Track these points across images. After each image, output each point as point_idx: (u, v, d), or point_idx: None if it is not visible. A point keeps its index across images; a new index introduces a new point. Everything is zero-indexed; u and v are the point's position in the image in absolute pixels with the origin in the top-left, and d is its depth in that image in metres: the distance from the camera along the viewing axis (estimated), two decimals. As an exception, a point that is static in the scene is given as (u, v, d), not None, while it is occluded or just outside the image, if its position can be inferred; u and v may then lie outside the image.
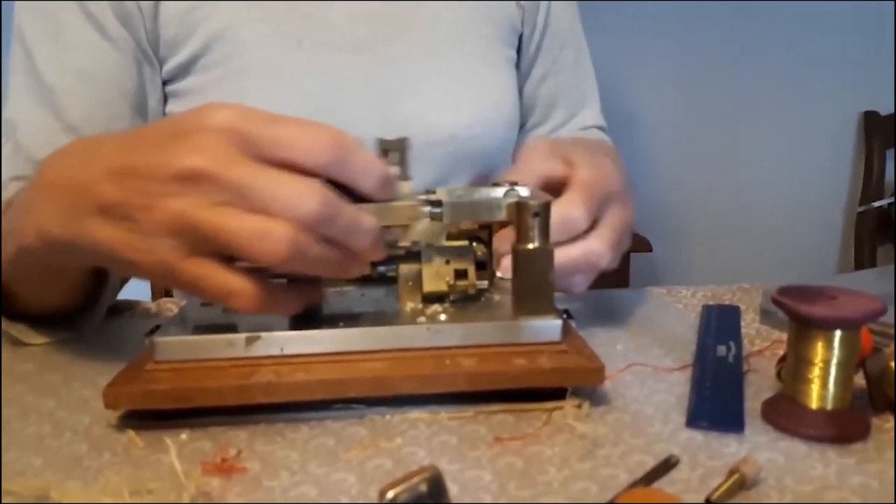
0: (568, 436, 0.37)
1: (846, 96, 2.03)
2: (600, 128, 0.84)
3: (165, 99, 0.67)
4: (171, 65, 0.64)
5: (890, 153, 2.02)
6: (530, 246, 0.41)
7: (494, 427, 0.38)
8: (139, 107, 0.65)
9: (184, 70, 0.64)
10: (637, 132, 1.91)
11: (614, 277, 0.61)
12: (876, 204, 1.95)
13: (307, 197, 0.34)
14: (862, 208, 2.00)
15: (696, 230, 2.09)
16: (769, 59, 2.00)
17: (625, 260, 1.73)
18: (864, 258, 1.98)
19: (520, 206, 0.41)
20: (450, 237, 0.53)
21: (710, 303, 0.61)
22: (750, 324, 0.55)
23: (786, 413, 0.38)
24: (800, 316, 0.36)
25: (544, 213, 0.41)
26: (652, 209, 2.01)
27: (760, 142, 2.06)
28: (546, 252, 0.41)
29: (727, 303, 0.61)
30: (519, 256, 0.41)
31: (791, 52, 2.00)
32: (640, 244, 1.74)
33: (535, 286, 0.41)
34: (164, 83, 0.66)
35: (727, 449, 0.36)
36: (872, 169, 1.99)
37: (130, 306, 0.60)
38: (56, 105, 0.61)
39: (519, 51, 0.77)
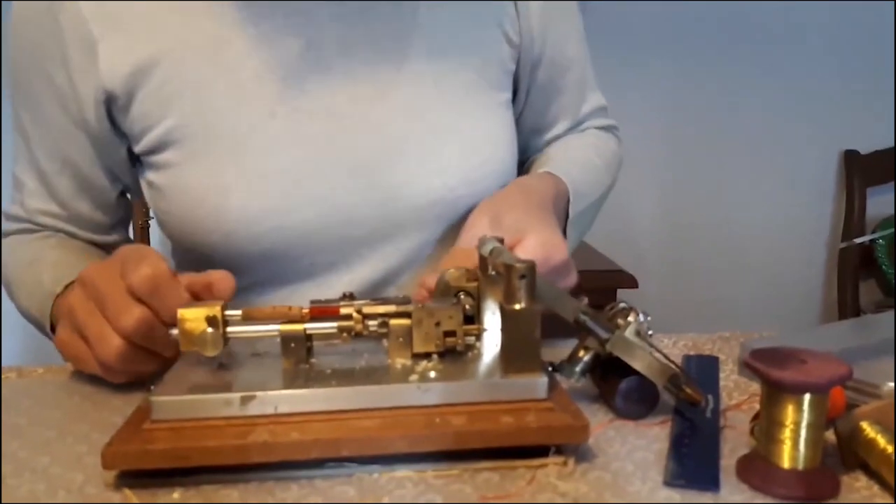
0: (550, 494, 0.38)
1: (827, 136, 2.08)
2: (601, 108, 0.84)
3: (140, 162, 0.69)
4: (148, 139, 0.65)
5: (871, 191, 2.06)
6: (517, 306, 0.43)
7: (480, 486, 0.39)
8: (119, 173, 0.71)
9: (161, 145, 0.65)
10: (622, 169, 1.94)
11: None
12: (857, 240, 1.99)
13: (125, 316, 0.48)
14: (844, 244, 2.04)
15: (681, 266, 2.12)
16: (752, 98, 2.05)
17: (610, 297, 1.75)
18: (846, 293, 2.01)
19: (507, 269, 0.43)
20: (439, 289, 0.55)
21: (691, 353, 0.62)
22: (728, 375, 0.57)
23: (759, 472, 0.39)
24: (771, 380, 0.38)
25: (530, 274, 0.43)
26: (637, 245, 2.04)
27: (744, 179, 2.10)
28: (532, 312, 0.43)
29: (707, 353, 0.63)
30: (506, 316, 0.43)
31: (773, 93, 2.05)
32: (625, 280, 1.77)
33: (522, 344, 0.43)
34: (142, 154, 0.67)
35: (704, 508, 0.37)
36: (854, 206, 2.04)
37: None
38: (49, 185, 0.70)
39: (516, 84, 0.76)
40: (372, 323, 0.47)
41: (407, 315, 0.47)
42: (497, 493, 0.38)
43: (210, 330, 0.44)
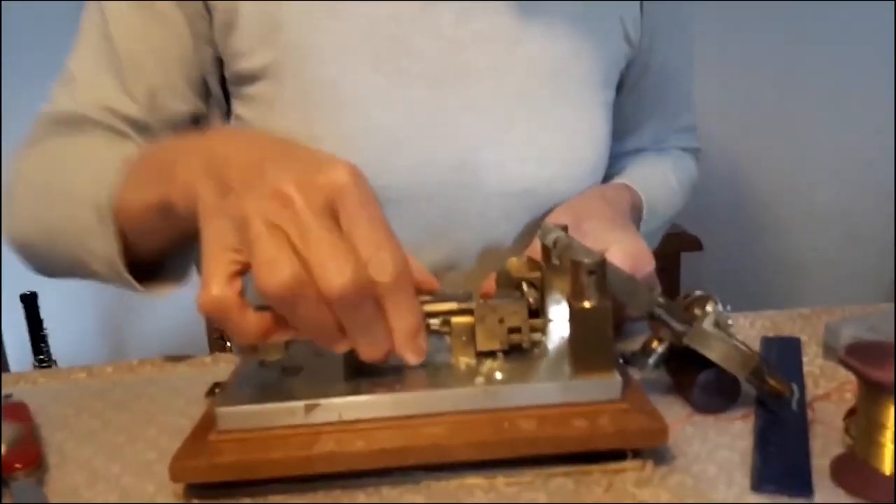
0: (629, 503, 0.36)
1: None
2: (690, 128, 0.81)
3: (227, 97, 0.66)
4: (244, 66, 0.62)
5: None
6: (586, 304, 0.40)
7: (553, 493, 0.38)
8: (199, 89, 0.65)
9: (256, 75, 0.62)
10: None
11: (664, 282, 0.59)
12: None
13: (339, 272, 0.35)
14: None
15: (746, 226, 2.04)
16: (822, 49, 1.93)
17: (674, 262, 1.70)
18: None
19: (575, 265, 0.40)
20: (500, 280, 0.53)
21: (770, 334, 0.59)
22: (813, 359, 0.54)
23: (858, 476, 0.37)
24: (871, 381, 0.35)
25: (600, 270, 0.40)
26: (702, 204, 1.97)
27: (813, 132, 1.99)
28: (602, 310, 0.40)
29: (787, 333, 0.59)
30: (575, 315, 0.41)
31: (847, 43, 1.92)
32: (689, 243, 1.71)
33: (593, 343, 0.41)
34: (233, 81, 0.64)
35: (797, 518, 0.35)
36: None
37: (185, 358, 0.61)
38: (121, 72, 0.62)
39: (620, 84, 0.72)
40: (433, 321, 0.45)
41: (469, 312, 0.45)
42: (572, 502, 0.37)
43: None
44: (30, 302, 1.57)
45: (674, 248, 1.69)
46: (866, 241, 2.05)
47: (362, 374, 0.44)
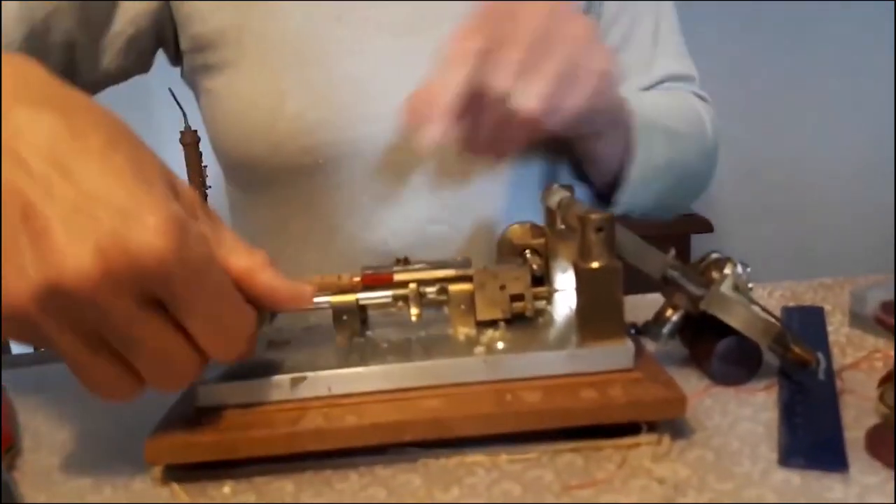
0: (645, 480, 0.33)
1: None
2: (680, 77, 0.71)
3: (195, 68, 0.63)
4: (200, 30, 0.60)
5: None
6: (594, 264, 0.37)
7: (561, 471, 0.34)
8: (35, 49, 0.57)
9: (216, 40, 0.60)
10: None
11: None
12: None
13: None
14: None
15: (756, 207, 2.00)
16: (826, 31, 1.88)
17: (685, 244, 1.66)
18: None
19: (581, 221, 0.37)
20: (501, 249, 0.50)
21: (790, 304, 0.56)
22: (838, 328, 0.50)
23: (896, 447, 0.33)
24: (913, 340, 0.32)
25: (608, 227, 0.37)
26: (712, 187, 1.92)
27: (818, 114, 1.95)
28: (612, 270, 0.37)
29: (809, 303, 0.56)
30: (582, 276, 0.38)
31: (850, 26, 1.87)
32: (699, 225, 1.67)
33: (602, 307, 0.38)
34: (193, 50, 0.62)
35: (831, 493, 0.32)
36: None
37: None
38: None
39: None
40: (430, 290, 0.42)
41: (468, 279, 0.42)
42: (583, 480, 0.33)
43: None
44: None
45: (684, 229, 1.66)
46: (875, 222, 2.00)
47: (354, 347, 0.41)
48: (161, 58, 0.66)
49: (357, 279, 0.42)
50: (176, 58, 0.65)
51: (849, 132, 1.96)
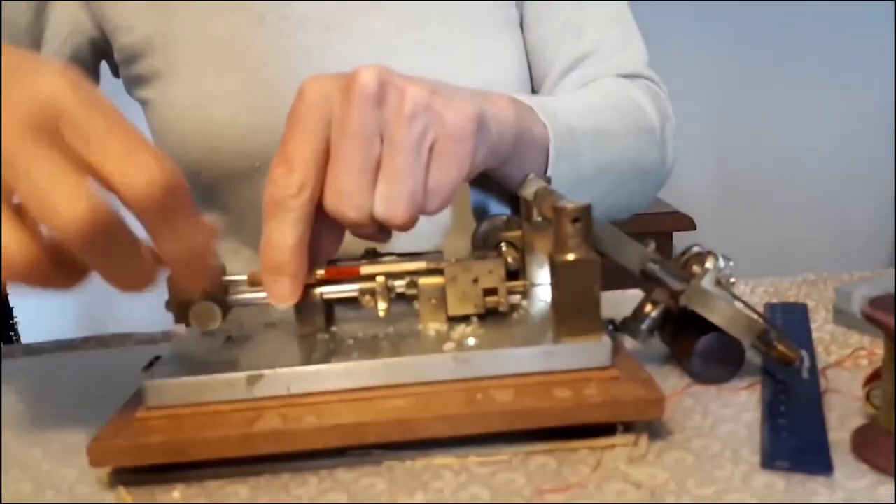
0: (621, 485, 0.31)
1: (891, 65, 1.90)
2: (647, 77, 0.67)
3: (131, 80, 0.63)
4: (127, 41, 0.60)
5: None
6: (570, 256, 0.35)
7: (533, 475, 0.33)
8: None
9: (143, 50, 0.59)
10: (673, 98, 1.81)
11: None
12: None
13: (69, 208, 0.27)
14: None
15: (739, 204, 1.99)
16: (810, 28, 1.88)
17: (667, 241, 1.65)
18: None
19: (557, 211, 0.35)
20: (475, 243, 0.48)
21: (773, 300, 0.54)
22: (822, 325, 0.49)
23: (884, 449, 0.32)
24: (902, 336, 0.30)
25: (585, 217, 0.35)
26: (695, 184, 1.92)
27: (803, 111, 1.95)
28: (589, 263, 0.35)
29: (792, 300, 0.54)
30: (558, 269, 0.36)
31: (834, 21, 1.87)
32: (682, 222, 1.66)
33: (579, 302, 0.36)
34: (124, 62, 0.62)
35: (815, 498, 0.30)
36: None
37: (135, 335, 0.56)
38: None
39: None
40: (398, 283, 0.40)
41: (439, 272, 0.40)
42: (556, 485, 0.32)
43: (206, 302, 0.38)
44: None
45: (667, 227, 1.65)
46: (860, 220, 2.01)
47: (317, 344, 0.39)
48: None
49: (321, 273, 0.40)
50: (115, 71, 0.65)
51: (835, 132, 1.96)
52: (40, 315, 1.68)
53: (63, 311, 1.85)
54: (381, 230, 0.40)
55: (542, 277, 0.46)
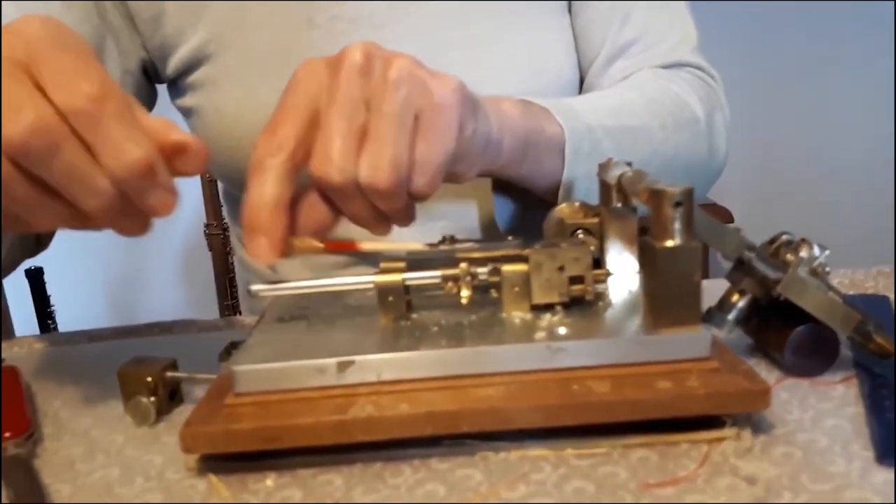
0: (731, 479, 0.30)
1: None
2: (695, 66, 0.65)
3: (180, 89, 0.63)
4: (180, 55, 0.60)
5: None
6: (670, 243, 0.34)
7: (636, 468, 0.31)
8: None
9: (194, 60, 0.60)
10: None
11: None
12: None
13: (15, 119, 0.29)
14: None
15: (776, 196, 1.96)
16: (847, 20, 1.84)
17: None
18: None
19: (656, 195, 0.34)
20: (550, 231, 0.46)
21: (850, 292, 0.52)
22: (907, 318, 0.47)
23: None
24: None
25: (687, 201, 0.34)
26: (733, 178, 1.88)
27: (839, 104, 1.91)
28: (691, 250, 0.34)
29: (870, 291, 0.53)
30: (658, 256, 0.34)
31: (871, 13, 1.83)
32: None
33: (678, 291, 0.34)
34: (175, 76, 0.62)
35: (940, 496, 0.28)
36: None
37: (195, 322, 0.56)
38: None
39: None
40: (481, 270, 0.39)
41: (523, 259, 0.38)
42: (661, 478, 0.30)
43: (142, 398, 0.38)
44: (35, 277, 1.52)
45: (703, 219, 1.62)
46: (874, 215, 1.97)
47: (400, 331, 0.38)
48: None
49: (319, 245, 0.39)
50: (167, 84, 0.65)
51: (876, 122, 1.92)
52: (75, 303, 1.70)
53: (93, 299, 1.87)
54: (379, 216, 0.40)
55: (620, 266, 0.44)
